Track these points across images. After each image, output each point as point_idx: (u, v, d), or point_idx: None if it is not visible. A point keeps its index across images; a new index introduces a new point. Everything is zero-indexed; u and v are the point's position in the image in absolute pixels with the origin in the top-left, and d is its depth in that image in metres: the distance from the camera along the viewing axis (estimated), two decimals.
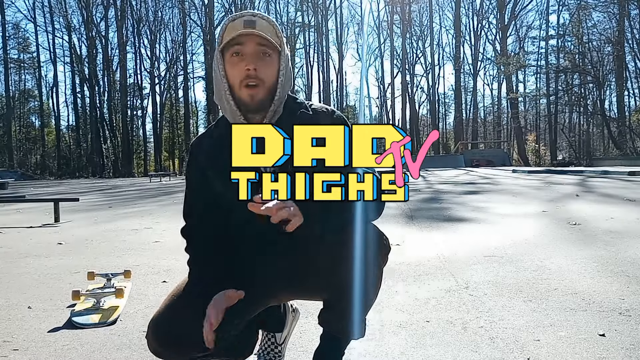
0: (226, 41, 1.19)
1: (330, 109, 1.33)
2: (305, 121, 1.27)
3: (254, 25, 1.19)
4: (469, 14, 45.48)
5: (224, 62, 1.23)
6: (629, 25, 33.59)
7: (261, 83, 1.20)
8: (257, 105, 1.21)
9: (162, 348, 1.19)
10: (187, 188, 1.34)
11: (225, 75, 1.22)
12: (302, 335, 1.90)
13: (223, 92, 1.23)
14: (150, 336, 1.19)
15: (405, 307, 2.22)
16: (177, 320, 1.17)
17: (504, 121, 48.17)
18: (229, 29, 1.21)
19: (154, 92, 44.81)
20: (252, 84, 1.19)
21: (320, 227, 1.14)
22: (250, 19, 1.20)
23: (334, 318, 1.22)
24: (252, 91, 1.20)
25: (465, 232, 4.43)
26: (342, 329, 1.22)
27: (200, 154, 1.30)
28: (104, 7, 42.52)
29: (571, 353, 1.65)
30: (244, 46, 1.19)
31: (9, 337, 1.96)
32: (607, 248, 3.41)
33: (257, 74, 1.19)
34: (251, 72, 1.18)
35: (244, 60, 1.19)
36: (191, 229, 1.32)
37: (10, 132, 40.39)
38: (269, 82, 1.21)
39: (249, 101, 1.21)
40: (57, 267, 3.31)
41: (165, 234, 4.70)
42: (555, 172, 17.33)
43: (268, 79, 1.21)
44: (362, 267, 1.16)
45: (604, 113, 35.54)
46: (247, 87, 1.19)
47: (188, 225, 1.33)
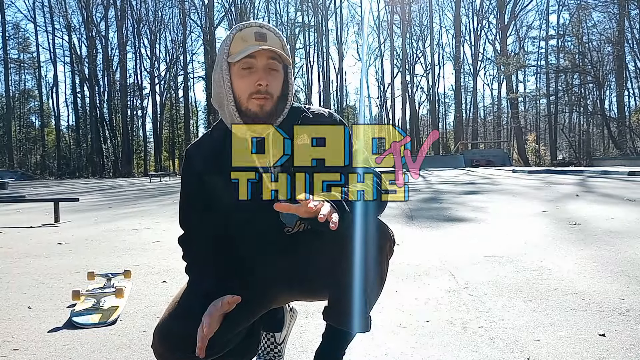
0: (239, 55, 1.18)
1: (328, 111, 1.34)
2: (308, 124, 1.28)
3: (266, 39, 1.19)
4: (469, 14, 45.50)
5: (230, 72, 1.22)
6: (629, 25, 33.58)
7: (270, 97, 1.21)
8: (266, 115, 1.22)
9: (171, 355, 1.17)
10: (182, 194, 1.33)
11: (232, 87, 1.22)
12: (301, 335, 1.90)
13: (226, 103, 1.23)
14: (157, 344, 1.17)
15: (405, 307, 2.22)
16: (183, 326, 1.15)
17: (504, 121, 48.16)
18: (237, 39, 1.21)
19: (154, 92, 44.81)
20: (262, 97, 1.20)
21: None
22: (260, 32, 1.20)
23: (339, 312, 1.22)
24: (262, 102, 1.20)
25: (465, 232, 4.43)
26: (347, 322, 1.22)
27: (197, 159, 1.29)
28: (104, 7, 42.51)
29: (571, 353, 1.65)
30: (256, 60, 1.19)
31: (9, 337, 1.96)
32: (607, 248, 3.41)
33: (267, 89, 1.20)
34: (262, 88, 1.19)
35: (254, 74, 1.19)
36: (188, 235, 1.32)
37: (10, 132, 40.37)
38: (276, 95, 1.23)
39: (258, 111, 1.21)
40: (57, 267, 3.31)
41: (165, 234, 4.70)
42: (555, 172, 17.33)
43: (276, 93, 1.23)
44: (365, 260, 1.16)
45: (604, 113, 35.54)
46: (256, 99, 1.20)
47: (185, 233, 1.33)
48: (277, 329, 1.55)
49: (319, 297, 1.31)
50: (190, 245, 1.31)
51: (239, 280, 1.27)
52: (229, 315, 1.15)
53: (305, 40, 47.51)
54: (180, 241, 1.33)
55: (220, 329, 1.13)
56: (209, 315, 1.11)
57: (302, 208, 1.02)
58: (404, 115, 45.38)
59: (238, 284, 1.25)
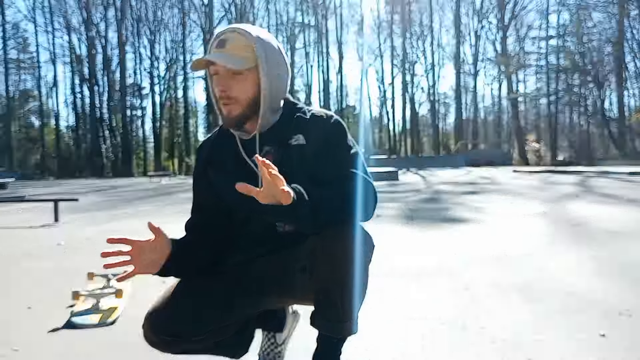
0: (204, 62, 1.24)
1: (329, 114, 1.33)
2: (299, 126, 1.28)
3: (224, 45, 1.22)
4: (469, 14, 45.47)
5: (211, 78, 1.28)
6: (629, 25, 33.62)
7: (234, 101, 1.23)
8: (234, 120, 1.25)
9: (157, 338, 1.22)
10: (193, 188, 1.41)
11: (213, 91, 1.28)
12: (302, 336, 1.90)
13: (215, 103, 1.29)
14: (145, 327, 1.23)
15: (405, 307, 2.22)
16: (172, 309, 1.22)
17: (504, 121, 48.12)
18: (209, 46, 1.26)
19: (154, 92, 44.82)
20: (226, 103, 1.24)
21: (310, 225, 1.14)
22: (222, 39, 1.23)
23: (325, 320, 1.22)
24: (227, 108, 1.25)
25: (465, 232, 4.43)
26: (335, 329, 1.22)
27: (204, 155, 1.37)
28: (104, 7, 42.51)
29: (571, 353, 1.65)
30: (217, 66, 1.22)
31: (9, 337, 1.96)
32: (607, 248, 3.41)
33: (228, 94, 1.23)
34: (223, 94, 1.23)
35: (218, 80, 1.24)
36: (191, 221, 1.38)
37: (10, 132, 40.34)
38: (243, 97, 1.23)
39: (226, 117, 1.26)
40: (57, 268, 3.31)
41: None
42: (555, 172, 17.33)
43: (242, 95, 1.23)
44: (353, 266, 1.16)
45: (604, 113, 35.55)
46: (224, 105, 1.25)
47: (190, 219, 1.39)
48: (278, 330, 1.55)
49: (308, 300, 1.29)
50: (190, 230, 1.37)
51: (232, 277, 1.29)
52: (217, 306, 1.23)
53: (305, 40, 47.49)
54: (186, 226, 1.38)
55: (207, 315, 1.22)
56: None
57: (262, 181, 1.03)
58: (404, 115, 45.41)
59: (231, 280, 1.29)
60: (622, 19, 32.63)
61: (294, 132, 1.28)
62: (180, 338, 1.19)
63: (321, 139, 1.27)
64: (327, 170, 1.23)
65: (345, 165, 1.24)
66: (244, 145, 1.29)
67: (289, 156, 1.26)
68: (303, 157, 1.26)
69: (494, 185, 11.26)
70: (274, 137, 1.28)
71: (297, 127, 1.29)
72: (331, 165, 1.24)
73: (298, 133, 1.28)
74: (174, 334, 1.20)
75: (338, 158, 1.26)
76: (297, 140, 1.27)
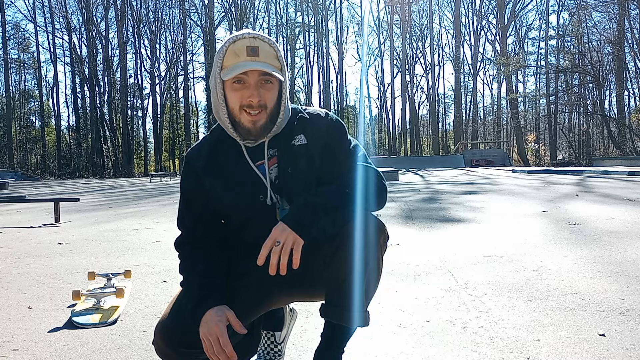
0: (230, 72, 1.16)
1: (324, 111, 1.35)
2: (300, 126, 1.29)
3: (258, 53, 1.17)
4: (469, 14, 45.49)
5: (223, 85, 1.21)
6: (629, 25, 33.55)
7: (263, 109, 1.20)
8: (259, 131, 1.21)
9: (172, 350, 1.19)
10: (181, 197, 1.34)
11: (225, 99, 1.21)
12: (302, 334, 1.90)
13: (221, 114, 1.23)
14: (159, 341, 1.20)
15: (405, 307, 2.22)
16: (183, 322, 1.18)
17: (503, 121, 48.13)
18: (229, 53, 1.18)
19: (154, 92, 44.78)
20: (254, 112, 1.19)
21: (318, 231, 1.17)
22: (253, 45, 1.17)
23: (337, 307, 1.23)
24: (254, 118, 1.19)
25: (465, 232, 4.43)
26: (346, 317, 1.22)
27: (197, 163, 1.30)
28: (104, 7, 42.49)
29: (571, 353, 1.65)
30: (248, 76, 1.17)
31: (9, 337, 1.96)
32: (607, 248, 3.41)
33: (259, 102, 1.18)
34: (254, 103, 1.18)
35: (246, 89, 1.18)
36: (184, 237, 1.33)
37: (10, 132, 40.32)
38: (270, 106, 1.21)
39: (251, 127, 1.20)
40: (57, 267, 3.31)
41: (166, 234, 4.70)
42: (555, 172, 17.33)
43: (270, 103, 1.21)
44: (363, 254, 1.18)
45: (604, 113, 35.53)
46: (248, 114, 1.19)
47: (181, 235, 1.34)
48: (277, 329, 1.56)
49: (318, 297, 1.31)
50: (184, 247, 1.32)
51: (237, 282, 1.28)
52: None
53: (305, 40, 47.54)
54: (177, 244, 1.34)
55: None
56: (218, 329, 1.12)
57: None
58: (404, 116, 45.40)
59: (236, 286, 1.26)
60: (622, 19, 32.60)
61: (295, 133, 1.29)
62: (196, 349, 1.15)
63: (322, 138, 1.29)
64: (332, 169, 1.27)
65: (349, 162, 1.29)
66: (248, 152, 1.27)
67: (294, 157, 1.27)
68: (306, 156, 1.27)
69: (493, 185, 11.26)
70: (277, 140, 1.28)
71: (299, 127, 1.30)
72: (336, 165, 1.28)
73: (299, 133, 1.29)
74: (189, 345, 1.17)
75: (341, 157, 1.30)
76: (299, 140, 1.28)
